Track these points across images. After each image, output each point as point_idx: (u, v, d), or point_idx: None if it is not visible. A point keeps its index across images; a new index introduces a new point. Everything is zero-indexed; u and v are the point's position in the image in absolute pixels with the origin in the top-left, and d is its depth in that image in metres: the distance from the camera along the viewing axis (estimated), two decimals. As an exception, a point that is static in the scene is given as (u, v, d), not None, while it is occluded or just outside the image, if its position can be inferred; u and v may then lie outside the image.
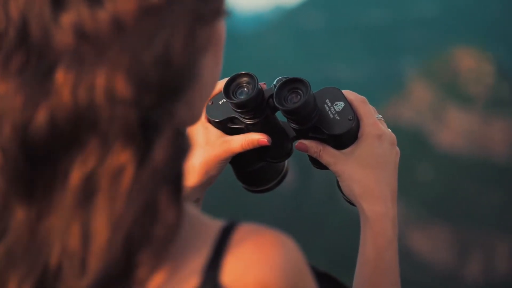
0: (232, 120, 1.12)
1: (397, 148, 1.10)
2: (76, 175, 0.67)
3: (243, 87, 1.09)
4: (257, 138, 1.09)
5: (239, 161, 1.15)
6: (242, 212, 25.63)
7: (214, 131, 1.11)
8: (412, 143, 25.35)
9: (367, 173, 1.06)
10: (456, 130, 24.40)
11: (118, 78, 0.66)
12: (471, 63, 25.38)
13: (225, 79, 1.09)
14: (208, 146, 1.10)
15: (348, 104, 1.09)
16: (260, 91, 1.08)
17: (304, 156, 1.11)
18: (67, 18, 0.66)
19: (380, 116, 1.11)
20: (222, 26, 0.77)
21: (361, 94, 1.12)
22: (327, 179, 27.18)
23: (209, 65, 0.76)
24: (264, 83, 1.12)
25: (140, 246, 0.67)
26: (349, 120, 1.07)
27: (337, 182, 1.11)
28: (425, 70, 27.23)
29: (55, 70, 0.66)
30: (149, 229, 0.68)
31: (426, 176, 24.44)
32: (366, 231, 1.06)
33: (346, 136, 1.08)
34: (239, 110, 1.09)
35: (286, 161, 1.19)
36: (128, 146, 0.67)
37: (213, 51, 0.77)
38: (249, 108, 1.07)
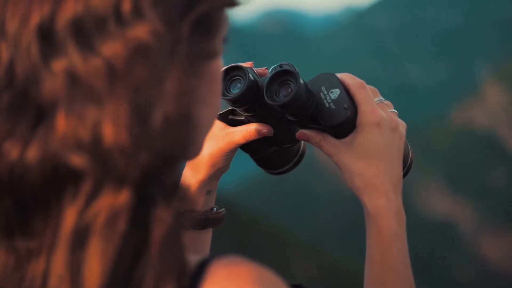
0: (232, 111, 1.10)
1: (400, 131, 1.05)
2: (69, 219, 0.66)
3: (236, 80, 1.06)
4: (259, 129, 1.07)
5: (251, 148, 1.13)
6: (313, 216, 25.61)
7: (217, 124, 1.10)
8: (485, 147, 24.88)
9: (367, 165, 1.02)
10: (531, 134, 23.83)
11: (113, 124, 0.65)
12: (548, 66, 24.78)
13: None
14: (212, 139, 1.09)
15: (344, 91, 1.04)
16: (253, 83, 1.05)
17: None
18: (59, 64, 0.65)
19: (382, 98, 1.07)
20: (218, 64, 0.77)
21: (432, 97, 1.06)
22: (396, 182, 26.87)
23: (205, 102, 0.76)
24: (266, 68, 1.10)
25: None
26: (345, 109, 1.03)
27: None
28: (500, 73, 26.68)
29: (51, 114, 0.66)
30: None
31: (499, 181, 23.95)
32: (370, 227, 1.02)
33: (342, 126, 1.03)
34: (234, 106, 1.06)
35: (302, 142, 1.15)
36: (124, 190, 0.66)
37: (209, 89, 0.76)
38: (242, 102, 1.05)
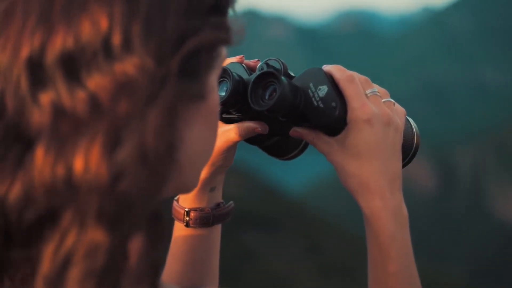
0: (226, 110, 1.08)
1: (396, 123, 0.99)
2: (47, 258, 0.66)
3: (223, 82, 1.04)
4: (253, 127, 1.06)
5: (254, 140, 1.11)
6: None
7: None
8: None
9: (359, 165, 0.97)
10: None
11: (95, 158, 0.65)
12: None
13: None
14: None
15: (332, 87, 0.99)
16: (239, 85, 1.03)
17: (448, 160, 1.01)
18: (46, 97, 0.65)
19: (375, 89, 1.00)
20: (213, 99, 0.76)
21: (510, 99, 0.99)
22: (471, 186, 26.39)
23: (198, 136, 0.75)
24: (258, 60, 1.08)
25: None
26: (333, 107, 0.98)
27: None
28: None
29: (33, 147, 0.65)
30: None
31: None
32: (368, 230, 0.98)
33: (332, 126, 0.99)
34: (223, 108, 1.04)
35: None
36: (102, 227, 0.65)
37: (203, 122, 0.76)
38: (230, 105, 1.04)
